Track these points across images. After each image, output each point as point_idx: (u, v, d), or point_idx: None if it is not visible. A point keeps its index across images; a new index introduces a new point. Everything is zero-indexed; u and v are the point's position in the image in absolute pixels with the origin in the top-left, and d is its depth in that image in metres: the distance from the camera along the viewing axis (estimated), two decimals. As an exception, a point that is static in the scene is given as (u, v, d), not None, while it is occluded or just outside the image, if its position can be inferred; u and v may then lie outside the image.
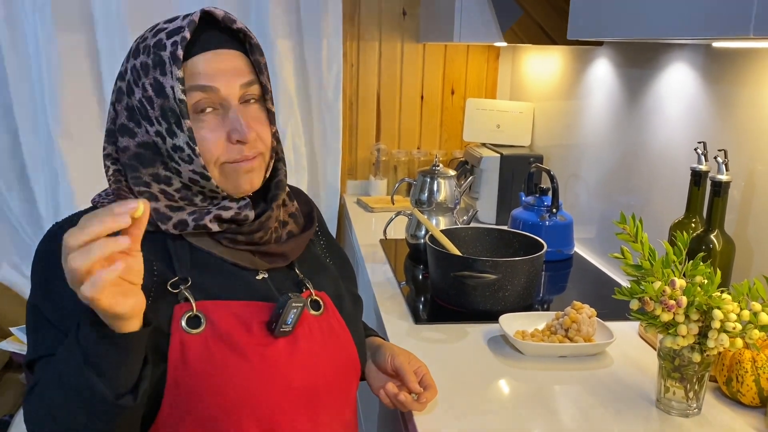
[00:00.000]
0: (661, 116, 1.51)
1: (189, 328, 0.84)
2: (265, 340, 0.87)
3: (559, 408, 1.05)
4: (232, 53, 0.88)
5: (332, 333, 0.94)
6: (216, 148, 0.87)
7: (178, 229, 0.88)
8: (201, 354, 0.83)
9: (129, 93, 0.88)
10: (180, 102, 0.84)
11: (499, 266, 1.36)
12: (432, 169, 1.77)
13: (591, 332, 1.25)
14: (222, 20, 0.89)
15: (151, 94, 0.85)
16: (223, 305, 0.87)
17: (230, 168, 0.88)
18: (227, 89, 0.86)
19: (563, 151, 2.05)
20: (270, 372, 0.86)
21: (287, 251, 0.95)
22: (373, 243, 1.91)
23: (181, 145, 0.85)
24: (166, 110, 0.85)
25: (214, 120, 0.87)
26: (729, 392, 1.06)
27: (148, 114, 0.86)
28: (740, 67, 1.24)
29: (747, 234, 1.22)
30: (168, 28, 0.87)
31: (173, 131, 0.85)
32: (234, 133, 0.86)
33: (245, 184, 0.90)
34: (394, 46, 2.44)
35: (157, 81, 0.85)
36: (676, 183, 1.44)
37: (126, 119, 0.89)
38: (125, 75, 0.89)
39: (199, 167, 0.86)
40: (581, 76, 1.92)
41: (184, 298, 0.85)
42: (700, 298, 0.93)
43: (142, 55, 0.86)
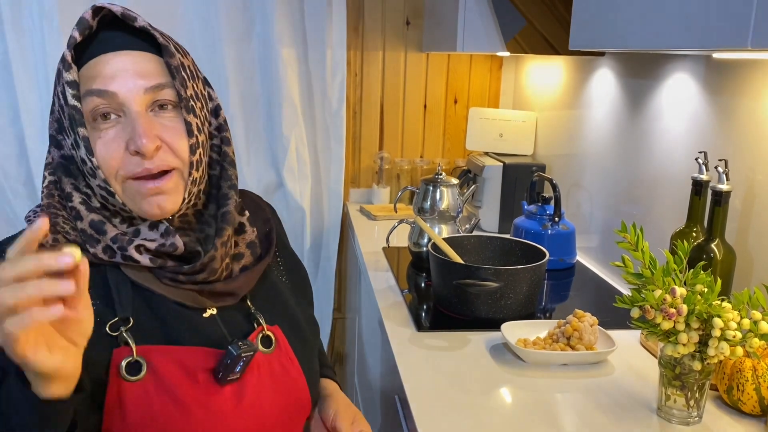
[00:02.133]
0: (662, 126, 1.52)
1: (128, 375, 0.76)
2: (210, 389, 0.79)
3: (561, 416, 1.06)
4: (137, 54, 0.79)
5: (282, 372, 0.88)
6: (113, 160, 0.78)
7: (107, 255, 0.79)
8: (140, 404, 0.75)
9: (53, 101, 0.82)
10: (74, 109, 0.76)
11: (501, 274, 1.36)
12: (435, 178, 1.78)
13: (593, 340, 1.25)
14: (121, 17, 0.79)
15: (62, 102, 0.78)
16: (166, 351, 0.79)
17: (133, 186, 0.79)
18: (126, 93, 0.77)
19: (566, 160, 2.06)
20: (213, 424, 0.79)
21: (237, 288, 0.86)
22: (375, 251, 1.92)
23: (84, 157, 0.77)
24: (72, 121, 0.77)
25: (113, 128, 0.78)
26: (730, 401, 1.07)
27: (62, 126, 0.80)
28: (740, 78, 1.25)
29: (748, 243, 1.22)
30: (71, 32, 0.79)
31: (77, 143, 0.77)
32: (131, 143, 0.77)
33: (152, 208, 0.80)
34: (397, 56, 2.46)
35: (64, 90, 0.77)
36: (677, 192, 1.45)
37: (55, 131, 0.83)
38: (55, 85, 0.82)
39: (101, 181, 0.78)
40: (583, 86, 1.93)
41: (124, 342, 0.77)
42: (701, 306, 0.94)
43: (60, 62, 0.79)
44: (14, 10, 2.09)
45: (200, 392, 0.79)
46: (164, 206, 0.80)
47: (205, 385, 0.79)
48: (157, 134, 0.78)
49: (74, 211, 0.80)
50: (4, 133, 2.20)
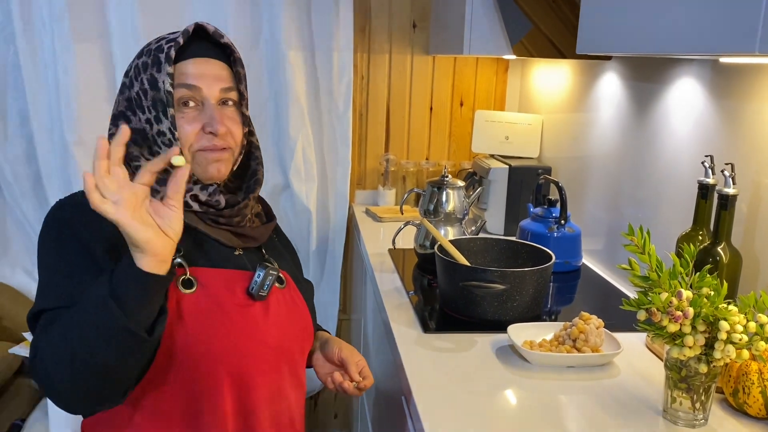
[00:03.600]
0: (668, 129, 1.52)
1: (183, 288, 1.00)
2: (245, 302, 1.06)
3: (566, 418, 1.07)
4: (216, 63, 1.07)
5: (293, 303, 1.15)
6: (191, 137, 1.03)
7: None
8: (193, 310, 1.00)
9: (130, 86, 1.06)
10: (167, 93, 1.01)
11: (507, 276, 1.37)
12: (441, 180, 1.79)
13: (599, 343, 1.26)
14: (212, 34, 1.08)
15: (147, 87, 1.03)
16: (212, 271, 1.05)
17: (201, 155, 1.05)
18: (208, 90, 1.04)
19: (571, 163, 2.06)
20: (249, 329, 1.04)
21: (257, 235, 1.14)
22: (381, 252, 1.93)
23: (164, 130, 1.02)
24: (156, 101, 1.02)
25: (193, 113, 1.04)
26: (735, 404, 1.07)
27: (141, 104, 1.04)
28: (747, 82, 1.25)
29: (754, 247, 1.23)
30: (168, 37, 1.06)
31: (159, 118, 1.02)
32: (207, 125, 1.04)
33: (213, 171, 1.05)
34: (404, 59, 2.47)
35: (152, 76, 1.03)
36: (684, 196, 1.46)
37: (124, 108, 1.07)
38: (129, 72, 1.08)
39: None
40: (589, 90, 1.94)
41: (178, 264, 1.01)
42: (707, 309, 0.95)
43: (144, 56, 1.06)
44: (24, 11, 2.10)
45: (238, 303, 1.04)
46: (222, 171, 1.07)
47: (241, 299, 1.05)
48: (224, 122, 1.05)
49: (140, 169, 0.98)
50: (13, 135, 2.22)
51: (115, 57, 2.19)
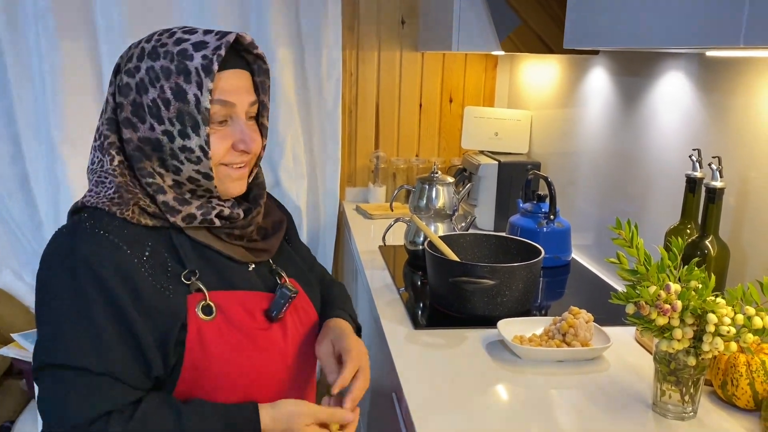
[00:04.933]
0: (656, 124, 1.53)
1: (204, 315, 0.94)
2: (264, 326, 0.99)
3: (557, 412, 1.07)
4: (245, 74, 0.99)
5: (303, 311, 1.09)
6: (221, 152, 0.97)
7: (186, 222, 0.96)
8: (215, 338, 0.94)
9: (140, 90, 0.94)
10: (206, 110, 0.92)
11: (496, 272, 1.37)
12: (430, 176, 1.79)
13: (588, 337, 1.26)
14: (247, 45, 0.98)
15: (169, 97, 0.92)
16: (230, 295, 0.98)
17: (225, 171, 0.98)
18: (241, 106, 0.97)
19: (561, 158, 2.07)
20: (272, 354, 0.99)
21: (269, 247, 1.08)
22: (372, 249, 1.92)
23: (191, 146, 0.94)
24: (182, 114, 0.92)
25: (225, 130, 0.97)
26: (724, 396, 1.08)
27: (159, 113, 0.93)
28: (733, 76, 1.26)
29: (741, 239, 1.23)
30: (191, 40, 0.94)
31: (187, 133, 0.93)
32: (240, 144, 0.97)
33: (235, 188, 1.01)
34: (393, 55, 2.47)
35: (179, 86, 0.92)
36: (672, 189, 1.46)
37: (130, 113, 0.95)
38: (135, 72, 0.94)
39: (206, 168, 0.95)
40: (578, 85, 1.94)
41: (196, 289, 0.95)
42: (695, 302, 0.95)
43: (162, 59, 0.93)
44: (9, 11, 2.08)
45: (258, 327, 0.99)
46: (243, 188, 1.02)
47: (261, 322, 0.99)
48: (254, 139, 1.00)
49: (155, 186, 0.95)
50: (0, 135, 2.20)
51: (102, 54, 2.18)
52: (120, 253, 0.89)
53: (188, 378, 0.93)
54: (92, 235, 0.90)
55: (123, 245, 0.90)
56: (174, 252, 0.96)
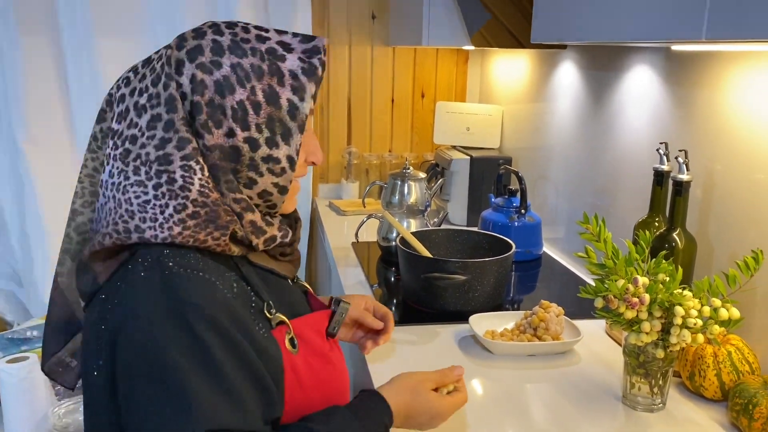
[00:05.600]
0: (624, 117, 1.54)
1: (292, 348, 0.85)
2: (329, 345, 0.94)
3: (529, 406, 1.07)
4: None
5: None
6: (299, 166, 0.87)
7: (266, 245, 0.87)
8: (307, 372, 0.86)
9: (223, 90, 0.80)
10: (304, 117, 0.83)
11: (468, 267, 1.37)
12: (402, 172, 1.78)
13: (559, 330, 1.27)
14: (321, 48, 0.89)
15: (261, 100, 0.81)
16: (302, 321, 0.89)
17: (294, 186, 0.89)
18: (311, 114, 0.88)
19: (531, 152, 2.08)
20: (344, 372, 0.95)
21: (299, 256, 1.00)
22: (345, 246, 1.91)
23: (278, 156, 0.83)
24: (273, 120, 0.82)
25: (303, 139, 0.87)
26: (692, 387, 1.09)
27: (246, 117, 0.81)
28: (699, 70, 1.27)
29: (708, 232, 1.25)
30: (273, 39, 0.84)
31: (275, 142, 0.82)
32: (312, 156, 0.90)
33: (293, 205, 0.93)
34: (364, 50, 2.45)
35: (272, 89, 0.82)
36: (640, 183, 1.47)
37: (207, 115, 0.80)
38: (214, 69, 0.80)
39: (286, 181, 0.85)
40: (548, 79, 1.95)
41: (278, 322, 0.85)
42: (663, 295, 0.96)
43: (251, 56, 0.82)
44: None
45: (329, 349, 0.93)
46: (295, 205, 0.95)
47: (328, 343, 0.93)
48: None
49: (244, 203, 0.83)
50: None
51: (66, 51, 2.13)
52: (220, 293, 0.77)
53: (285, 420, 0.84)
54: (185, 275, 0.76)
55: (217, 282, 0.78)
56: (247, 282, 0.85)
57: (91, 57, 2.13)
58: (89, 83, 2.15)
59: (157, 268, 0.76)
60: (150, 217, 0.77)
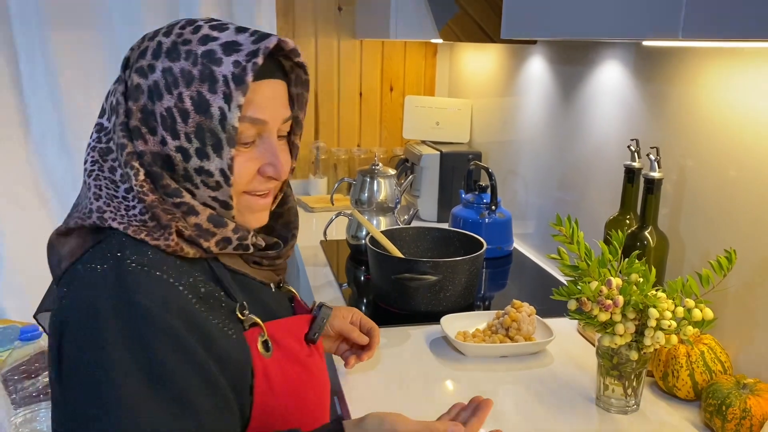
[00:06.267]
0: (594, 113, 1.52)
1: (264, 352, 0.83)
2: (308, 351, 0.91)
3: (501, 409, 1.05)
4: (281, 84, 0.83)
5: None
6: (245, 179, 0.82)
7: (219, 247, 0.82)
8: (280, 376, 0.84)
9: (152, 96, 0.78)
10: (233, 129, 0.77)
11: (439, 267, 1.34)
12: (371, 169, 1.74)
13: (531, 330, 1.25)
14: (289, 51, 0.83)
15: (188, 108, 0.77)
16: (279, 324, 0.87)
17: (247, 200, 0.84)
18: (273, 123, 0.82)
19: (501, 147, 2.06)
20: (322, 379, 0.92)
21: (286, 264, 0.98)
22: (313, 245, 1.87)
23: (211, 169, 0.79)
24: (203, 129, 0.77)
25: (251, 151, 0.82)
26: (665, 387, 1.08)
27: (174, 126, 0.78)
28: (670, 66, 1.26)
29: (679, 229, 1.24)
30: (221, 39, 0.78)
31: (206, 153, 0.78)
32: (269, 168, 0.83)
33: (256, 221, 0.87)
34: (330, 43, 2.40)
35: (201, 96, 0.76)
36: (610, 179, 1.46)
37: (139, 122, 0.79)
38: (149, 73, 0.78)
39: (224, 196, 0.81)
40: (517, 73, 1.93)
41: (251, 324, 0.82)
42: (636, 297, 0.94)
43: (183, 60, 0.77)
44: None
45: (307, 354, 0.90)
46: (264, 220, 0.88)
47: (306, 348, 0.90)
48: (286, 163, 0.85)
49: (185, 206, 0.80)
50: None
51: (18, 44, 2.03)
52: (178, 294, 0.75)
53: (255, 426, 0.81)
54: (142, 274, 0.74)
55: (177, 283, 0.76)
56: (219, 283, 0.82)
57: (45, 50, 2.04)
58: (43, 77, 2.06)
59: (114, 262, 0.75)
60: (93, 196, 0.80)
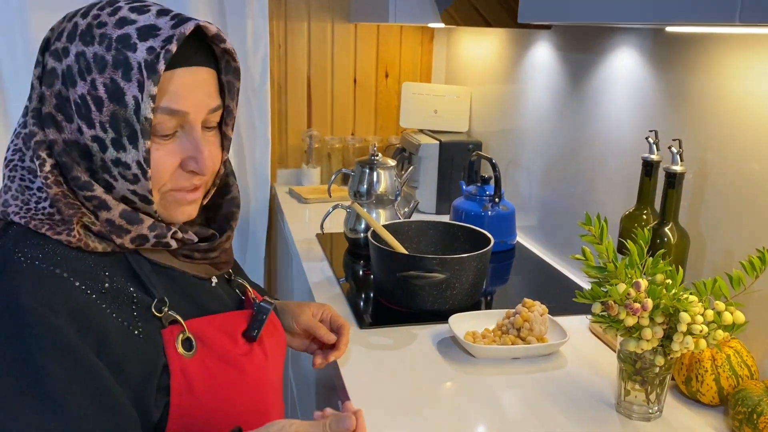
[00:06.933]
0: (606, 103, 1.46)
1: (184, 351, 0.78)
2: (245, 348, 0.85)
3: (517, 415, 0.99)
4: (206, 72, 0.78)
5: (272, 324, 0.94)
6: (165, 174, 0.78)
7: (135, 243, 0.78)
8: (202, 376, 0.79)
9: (66, 81, 0.74)
10: (146, 120, 0.73)
11: (446, 264, 1.28)
12: (371, 159, 1.67)
13: (543, 331, 1.19)
14: (212, 37, 0.78)
15: (102, 96, 0.73)
16: (207, 321, 0.83)
17: (172, 197, 0.80)
18: (195, 114, 0.78)
19: (502, 136, 1.99)
20: (260, 380, 0.86)
21: (230, 257, 0.94)
22: (308, 238, 1.80)
23: (128, 161, 0.75)
24: (118, 119, 0.73)
25: (171, 144, 0.77)
26: (688, 392, 1.03)
27: (89, 114, 0.74)
28: (692, 53, 1.20)
29: (699, 225, 1.19)
30: (138, 23, 0.73)
31: (122, 144, 0.74)
32: (191, 162, 0.79)
33: (183, 215, 0.82)
34: (323, 27, 2.31)
35: (115, 84, 0.72)
36: (622, 172, 1.41)
37: (54, 108, 0.75)
38: (63, 57, 0.74)
39: (143, 190, 0.77)
40: (521, 61, 1.86)
41: (170, 321, 0.79)
42: (667, 300, 0.88)
43: (97, 44, 0.73)
44: None
45: (242, 353, 0.84)
46: (192, 214, 0.84)
47: (243, 347, 0.85)
48: (211, 156, 0.81)
49: (96, 200, 0.75)
50: None
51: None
52: (73, 292, 0.71)
53: (176, 427, 0.78)
54: (31, 270, 0.70)
55: (74, 279, 0.72)
56: (135, 278, 0.78)
57: (24, 32, 1.94)
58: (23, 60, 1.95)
59: (1, 258, 0.72)
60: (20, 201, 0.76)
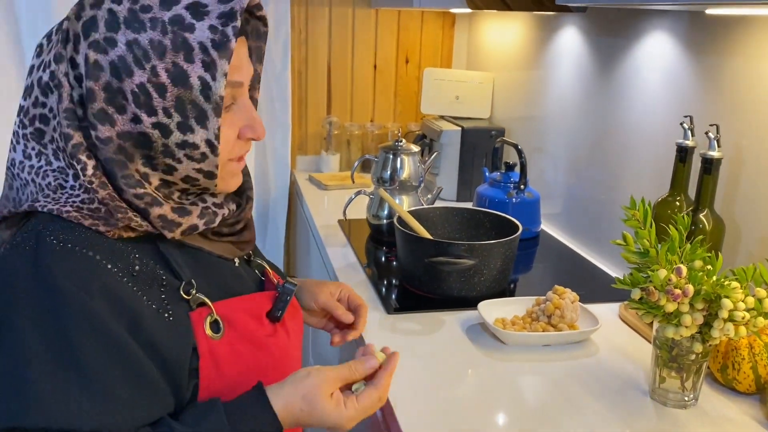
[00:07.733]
0: (636, 88, 1.44)
1: (213, 333, 0.78)
2: (270, 329, 0.85)
3: (550, 402, 0.98)
4: (244, 41, 0.79)
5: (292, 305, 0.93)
6: (229, 145, 0.78)
7: (185, 234, 0.78)
8: (230, 358, 0.79)
9: (119, 72, 0.71)
10: (219, 99, 0.73)
11: (475, 250, 1.27)
12: (395, 145, 1.66)
13: (575, 318, 1.18)
14: (254, 6, 0.79)
15: (165, 81, 0.71)
16: (233, 303, 0.82)
17: (230, 167, 0.81)
18: (247, 84, 0.79)
19: (525, 123, 1.97)
20: (285, 360, 0.86)
21: (252, 236, 0.92)
22: (330, 224, 1.79)
23: (195, 142, 0.74)
24: (184, 102, 0.72)
25: (230, 116, 0.78)
26: (724, 380, 1.02)
27: (150, 102, 0.72)
28: (728, 36, 1.18)
29: (734, 212, 1.17)
30: (183, 1, 0.71)
31: (189, 126, 0.73)
32: (247, 130, 0.79)
33: (235, 184, 0.83)
34: (345, 12, 2.29)
35: (178, 67, 0.71)
36: (651, 158, 1.39)
37: (105, 102, 0.71)
38: (109, 48, 0.71)
39: (210, 166, 0.76)
40: (545, 45, 1.84)
41: (199, 303, 0.78)
42: (708, 286, 0.87)
43: (150, 29, 0.70)
44: None
45: (267, 334, 0.84)
46: (240, 181, 0.84)
47: (268, 328, 0.84)
48: None
49: (148, 197, 0.75)
50: None
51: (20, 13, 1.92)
52: (106, 275, 0.70)
53: None
54: (65, 252, 0.69)
55: (106, 262, 0.71)
56: (164, 262, 0.78)
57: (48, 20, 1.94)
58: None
59: (34, 240, 0.71)
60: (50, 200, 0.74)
